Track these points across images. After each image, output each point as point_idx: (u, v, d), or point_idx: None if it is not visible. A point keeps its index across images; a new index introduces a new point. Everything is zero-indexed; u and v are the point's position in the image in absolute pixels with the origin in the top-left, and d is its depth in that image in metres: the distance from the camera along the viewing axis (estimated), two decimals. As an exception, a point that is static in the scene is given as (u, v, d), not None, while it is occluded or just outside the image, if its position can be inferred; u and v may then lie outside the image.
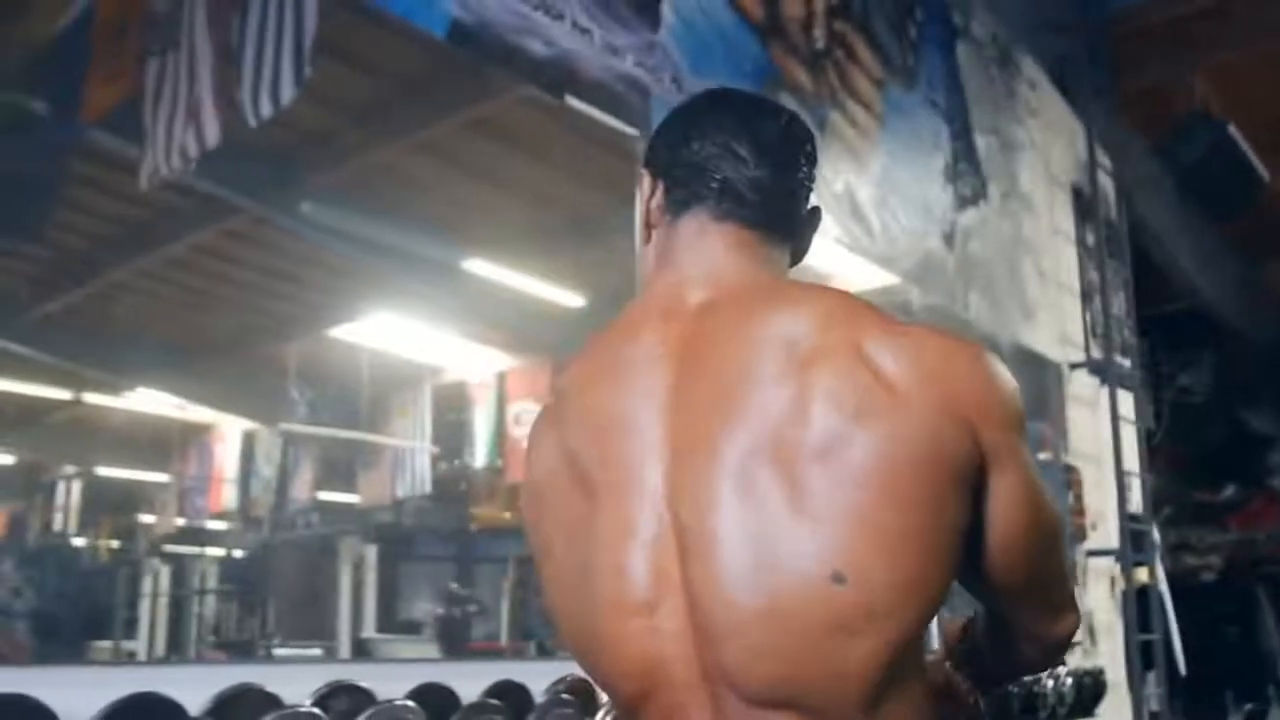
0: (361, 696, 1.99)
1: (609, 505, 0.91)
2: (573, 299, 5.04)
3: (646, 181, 1.05)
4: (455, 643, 5.42)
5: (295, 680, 1.98)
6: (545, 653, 5.57)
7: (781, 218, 1.02)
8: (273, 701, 1.85)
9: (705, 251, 0.99)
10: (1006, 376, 0.91)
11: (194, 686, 1.83)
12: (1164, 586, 5.20)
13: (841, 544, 0.82)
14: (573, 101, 2.29)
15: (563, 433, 0.97)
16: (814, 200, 1.06)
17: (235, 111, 2.09)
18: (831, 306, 0.91)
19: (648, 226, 1.05)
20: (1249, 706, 5.34)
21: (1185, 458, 9.05)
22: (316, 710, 1.84)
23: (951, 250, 3.91)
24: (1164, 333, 7.54)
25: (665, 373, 0.92)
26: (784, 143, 1.02)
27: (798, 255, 1.05)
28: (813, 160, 1.05)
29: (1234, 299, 7.46)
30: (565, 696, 2.17)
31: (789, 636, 0.82)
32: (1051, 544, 0.97)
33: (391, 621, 6.94)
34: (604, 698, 2.34)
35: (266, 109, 2.07)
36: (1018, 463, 0.90)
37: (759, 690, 0.84)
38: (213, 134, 2.09)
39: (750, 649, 0.83)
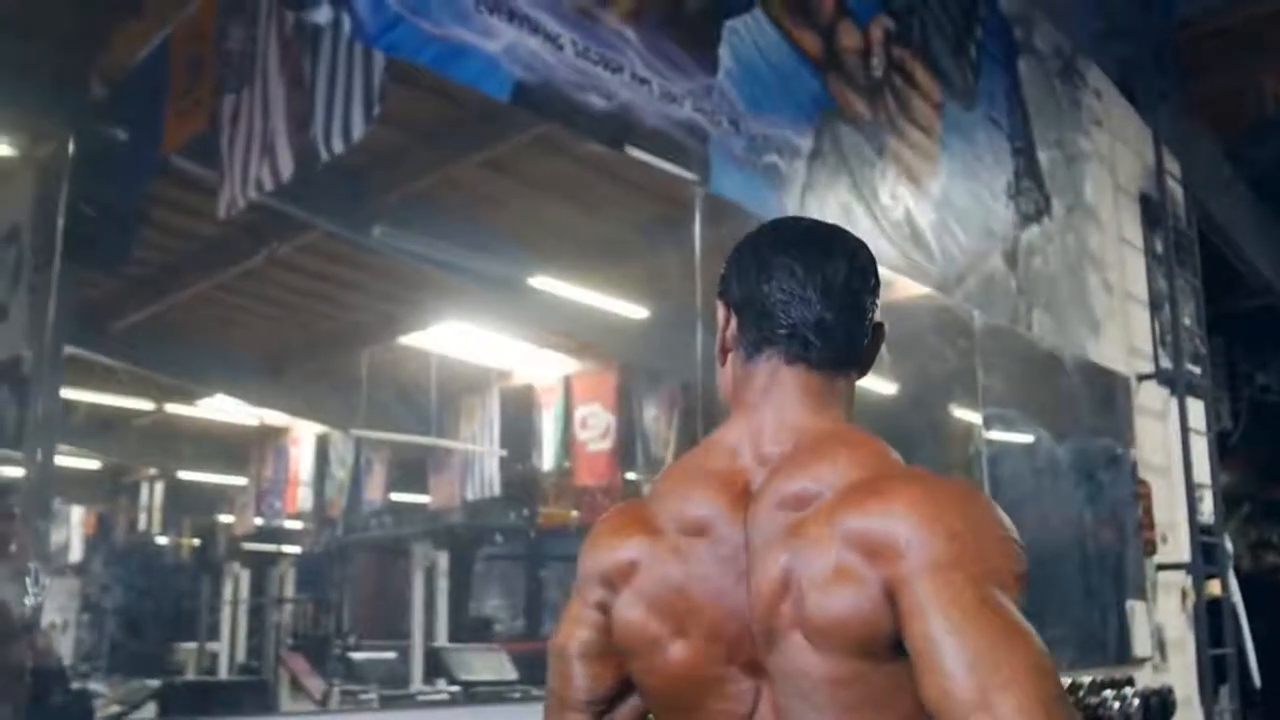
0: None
1: (720, 644, 1.03)
2: (636, 310, 5.09)
3: (721, 311, 1.15)
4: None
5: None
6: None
7: (846, 354, 1.11)
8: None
9: (778, 397, 1.09)
10: (966, 521, 0.93)
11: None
12: (1237, 598, 5.11)
13: (850, 702, 0.96)
14: (632, 151, 2.34)
15: (671, 546, 1.08)
16: (878, 317, 1.16)
17: (308, 145, 2.17)
18: (840, 470, 1.01)
19: (724, 351, 1.15)
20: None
21: (1264, 455, 8.85)
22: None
23: (1014, 269, 3.89)
24: (1240, 332, 7.38)
25: (743, 531, 1.04)
26: (848, 281, 1.10)
27: (864, 372, 1.16)
28: (876, 290, 1.14)
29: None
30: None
31: None
32: (1003, 690, 0.84)
33: (463, 622, 7.07)
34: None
35: (338, 145, 2.16)
36: (944, 604, 0.89)
37: None
38: (287, 167, 2.19)
39: None
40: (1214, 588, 5.11)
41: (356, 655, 6.06)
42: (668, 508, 1.08)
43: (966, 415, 3.85)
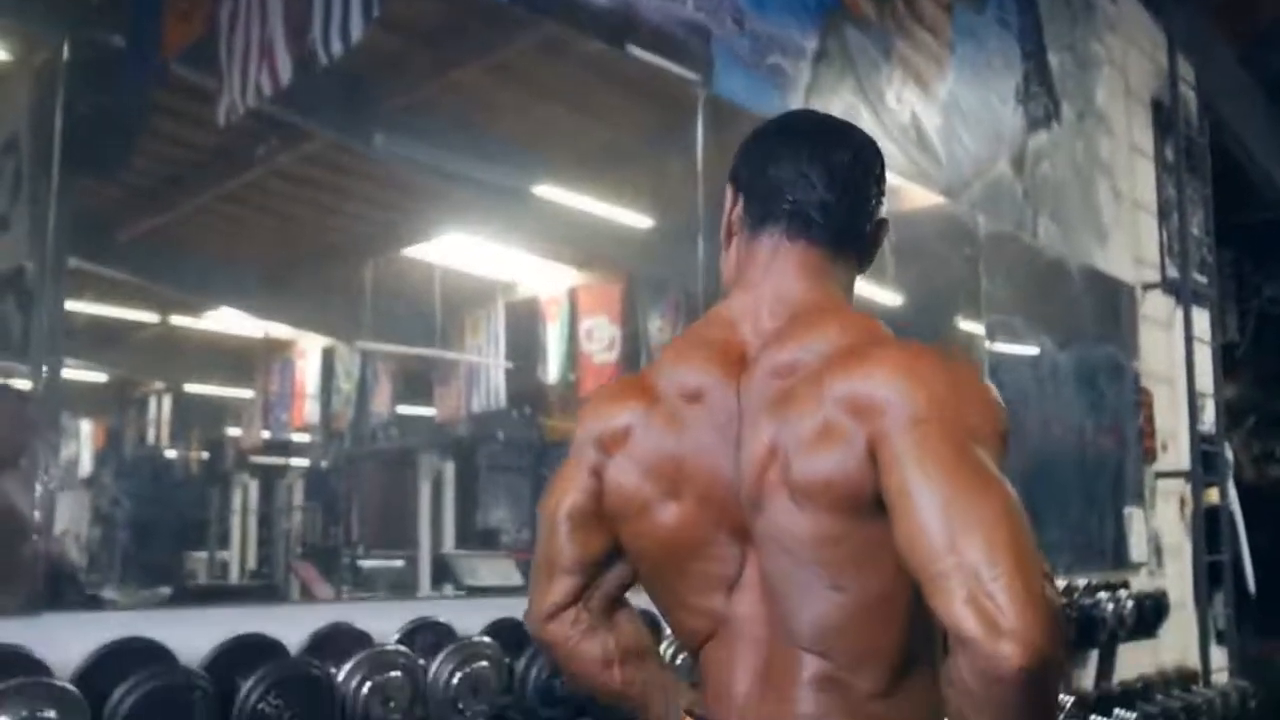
0: (442, 631, 2.12)
1: (710, 508, 1.08)
2: (640, 219, 5.06)
3: (729, 194, 1.20)
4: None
5: (382, 616, 2.12)
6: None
7: (848, 236, 1.16)
8: (363, 638, 1.99)
9: (778, 272, 1.14)
10: (949, 382, 0.95)
11: (292, 624, 1.97)
12: (1235, 506, 5.15)
13: (834, 561, 1.00)
14: (634, 50, 2.30)
15: (668, 413, 1.12)
16: (883, 213, 1.19)
17: (307, 50, 2.15)
18: (830, 339, 1.05)
19: (730, 235, 1.20)
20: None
21: (1271, 368, 8.85)
22: (402, 647, 1.97)
23: (1021, 175, 3.85)
24: (1250, 243, 7.33)
25: (737, 399, 1.08)
26: (852, 168, 1.15)
27: (865, 263, 1.20)
28: (880, 181, 1.18)
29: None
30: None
31: (821, 628, 1.02)
32: (974, 528, 0.85)
33: (470, 532, 7.15)
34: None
35: (337, 47, 2.14)
36: (921, 453, 0.91)
37: (809, 644, 1.04)
38: (286, 72, 2.17)
39: (799, 628, 1.03)
40: (1213, 496, 5.15)
41: (365, 563, 6.16)
42: (666, 376, 1.11)
43: (969, 324, 3.84)
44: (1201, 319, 5.14)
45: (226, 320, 5.87)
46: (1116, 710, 3.27)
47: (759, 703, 1.04)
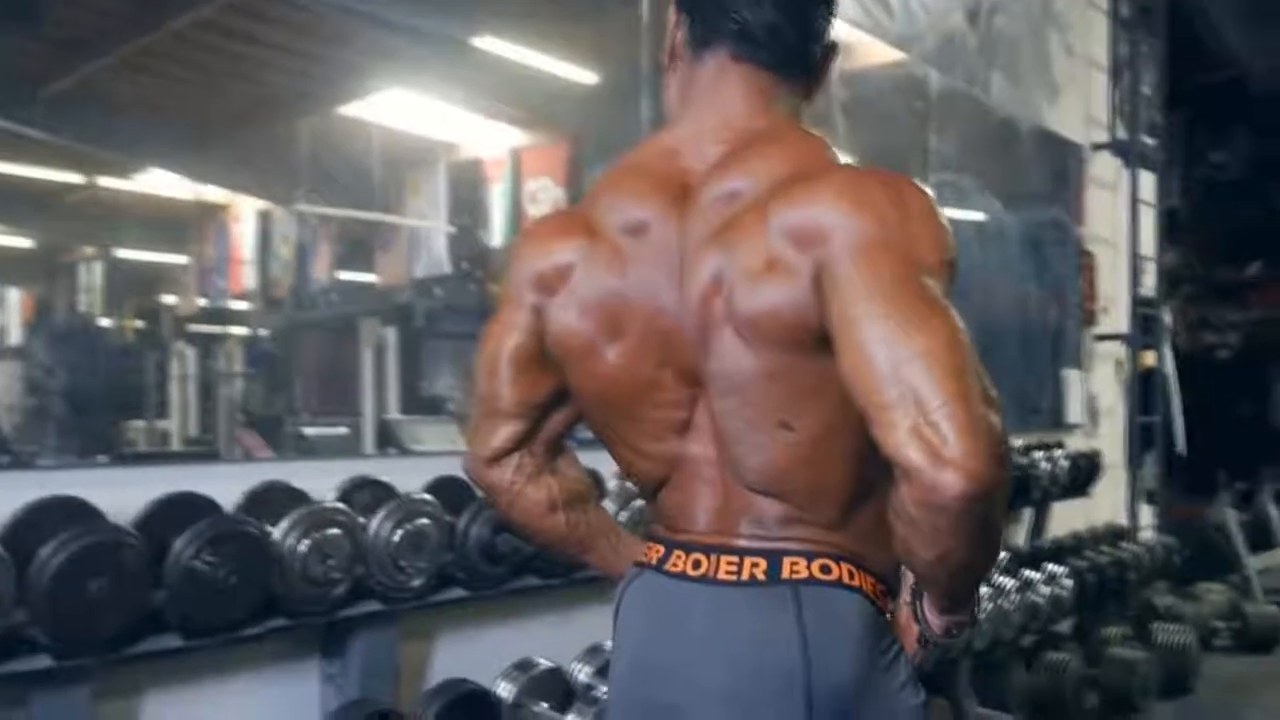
0: (382, 490, 2.08)
1: (654, 348, 1.02)
2: (586, 75, 4.91)
3: (673, 15, 1.11)
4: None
5: (319, 475, 2.08)
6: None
7: (795, 57, 1.07)
8: (300, 496, 1.95)
9: (723, 95, 1.06)
10: (896, 206, 0.90)
11: (227, 482, 1.92)
12: (1170, 369, 5.24)
13: (782, 397, 0.96)
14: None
15: (610, 248, 1.04)
16: (832, 36, 1.11)
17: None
18: (775, 165, 0.98)
19: (672, 58, 1.11)
20: (1241, 486, 5.48)
21: (1211, 236, 8.95)
22: (341, 504, 1.93)
23: (975, 27, 3.75)
24: (1200, 107, 7.30)
25: (680, 232, 1.01)
26: None
27: (812, 90, 1.11)
28: (830, 3, 1.10)
29: (1278, 68, 7.14)
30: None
31: (772, 464, 0.99)
32: (919, 356, 0.82)
33: (415, 399, 7.11)
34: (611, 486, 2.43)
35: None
36: (864, 275, 0.87)
37: (763, 486, 1.00)
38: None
39: (751, 465, 1.00)
40: (1149, 359, 5.23)
41: (309, 430, 6.12)
42: (605, 209, 1.05)
43: (918, 181, 3.79)
44: (1148, 182, 5.12)
45: (157, 182, 5.67)
46: (1048, 565, 3.35)
47: (718, 537, 1.02)
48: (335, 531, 1.84)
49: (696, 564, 1.03)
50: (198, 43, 4.55)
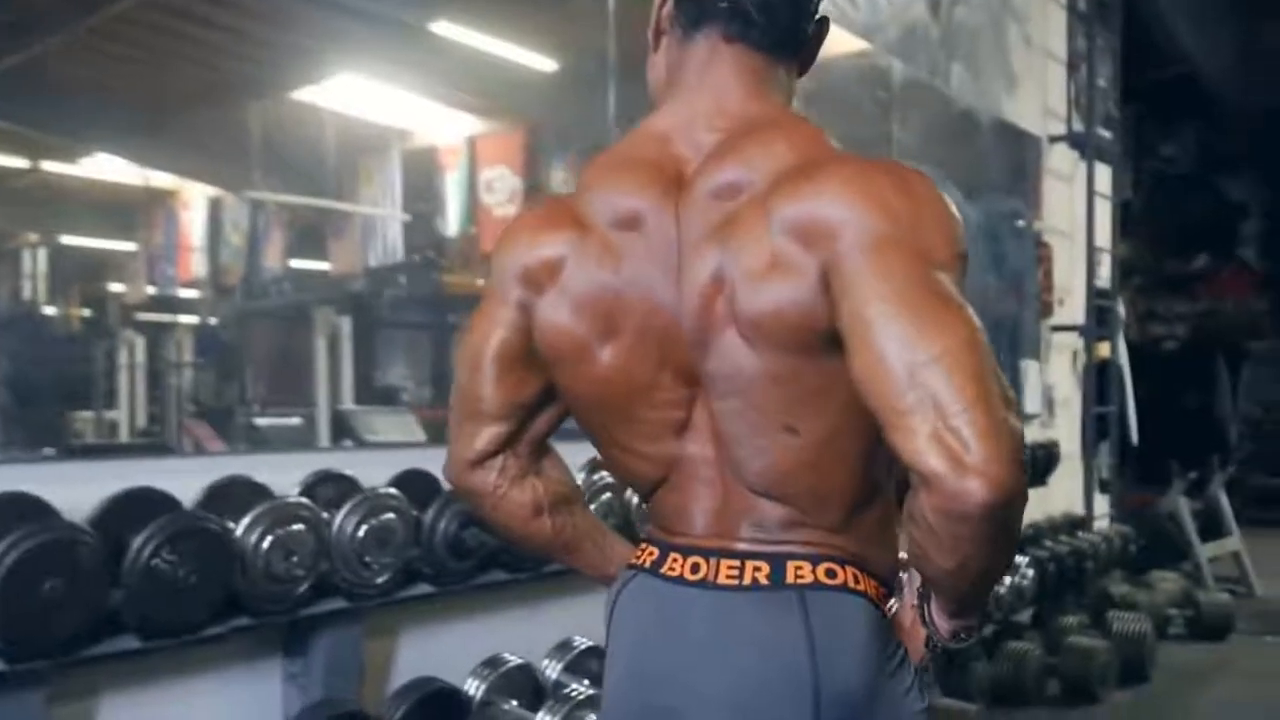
0: (345, 484, 2.03)
1: (650, 347, 0.98)
2: (546, 63, 4.86)
3: None
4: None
5: (281, 469, 2.02)
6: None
7: (789, 37, 1.03)
8: (261, 491, 1.89)
9: (716, 79, 1.01)
10: (904, 197, 0.87)
11: (184, 477, 1.86)
12: (1124, 360, 5.30)
13: (787, 400, 0.92)
14: None
15: (600, 242, 0.99)
16: (821, 9, 1.07)
17: None
18: (777, 156, 0.93)
19: (658, 35, 1.06)
20: (1193, 475, 5.57)
21: (1162, 228, 9.08)
22: (304, 499, 1.88)
23: (937, 18, 3.75)
24: (1151, 101, 7.39)
25: (676, 224, 0.97)
26: None
27: (804, 66, 1.07)
28: None
29: (1228, 64, 7.26)
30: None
31: (775, 466, 0.95)
32: (937, 359, 0.79)
33: (369, 391, 7.01)
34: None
35: None
36: (877, 271, 0.84)
37: (757, 488, 0.96)
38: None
39: (753, 468, 0.96)
40: (1103, 350, 5.28)
41: (261, 421, 6.02)
42: (595, 200, 1.00)
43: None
44: (1103, 174, 5.17)
45: (105, 168, 5.53)
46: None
47: (717, 539, 0.98)
48: (299, 527, 1.79)
49: (695, 567, 0.99)
50: (147, 24, 4.45)
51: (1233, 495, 5.77)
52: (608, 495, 2.29)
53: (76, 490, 1.71)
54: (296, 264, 6.47)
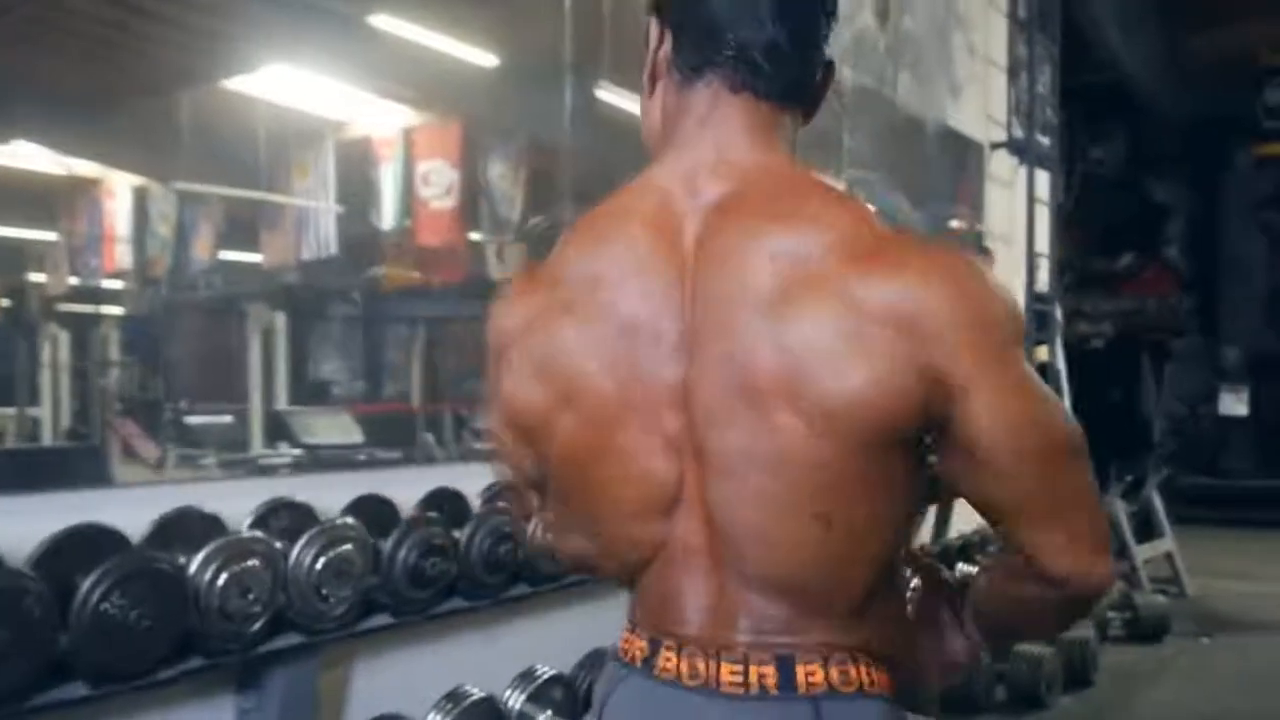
0: (301, 512, 1.97)
1: (629, 414, 0.90)
2: (485, 57, 4.79)
3: (654, 31, 0.96)
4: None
5: (231, 496, 1.95)
6: (460, 423, 5.61)
7: (797, 85, 0.95)
8: (213, 522, 1.82)
9: (719, 130, 0.93)
10: (985, 291, 0.85)
11: (131, 508, 1.79)
12: (1062, 364, 5.39)
13: (821, 488, 0.85)
14: None
15: (565, 301, 0.93)
16: (828, 53, 0.98)
17: None
18: (830, 227, 0.86)
19: (654, 78, 0.97)
20: (1129, 478, 5.67)
21: (1089, 229, 9.26)
22: (258, 534, 1.81)
23: (884, 27, 3.76)
24: (1082, 105, 7.52)
25: (679, 282, 0.89)
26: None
27: (810, 114, 0.99)
28: (832, 12, 0.97)
29: (1155, 71, 7.42)
30: (502, 505, 2.18)
31: (791, 557, 0.88)
32: (1056, 461, 0.85)
33: (302, 385, 6.87)
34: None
35: None
36: (992, 382, 0.83)
37: (764, 582, 0.89)
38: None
39: (760, 557, 0.88)
40: (1041, 354, 5.36)
41: (191, 419, 5.86)
42: (582, 260, 0.93)
43: (829, 180, 3.79)
44: (1042, 180, 5.24)
45: (24, 155, 5.34)
46: (959, 564, 3.38)
47: (713, 633, 0.92)
48: (255, 562, 1.72)
49: (692, 671, 0.91)
50: (73, 10, 4.31)
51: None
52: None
53: (14, 523, 1.64)
54: (228, 256, 6.32)
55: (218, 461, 5.28)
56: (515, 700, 2.09)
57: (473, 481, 2.29)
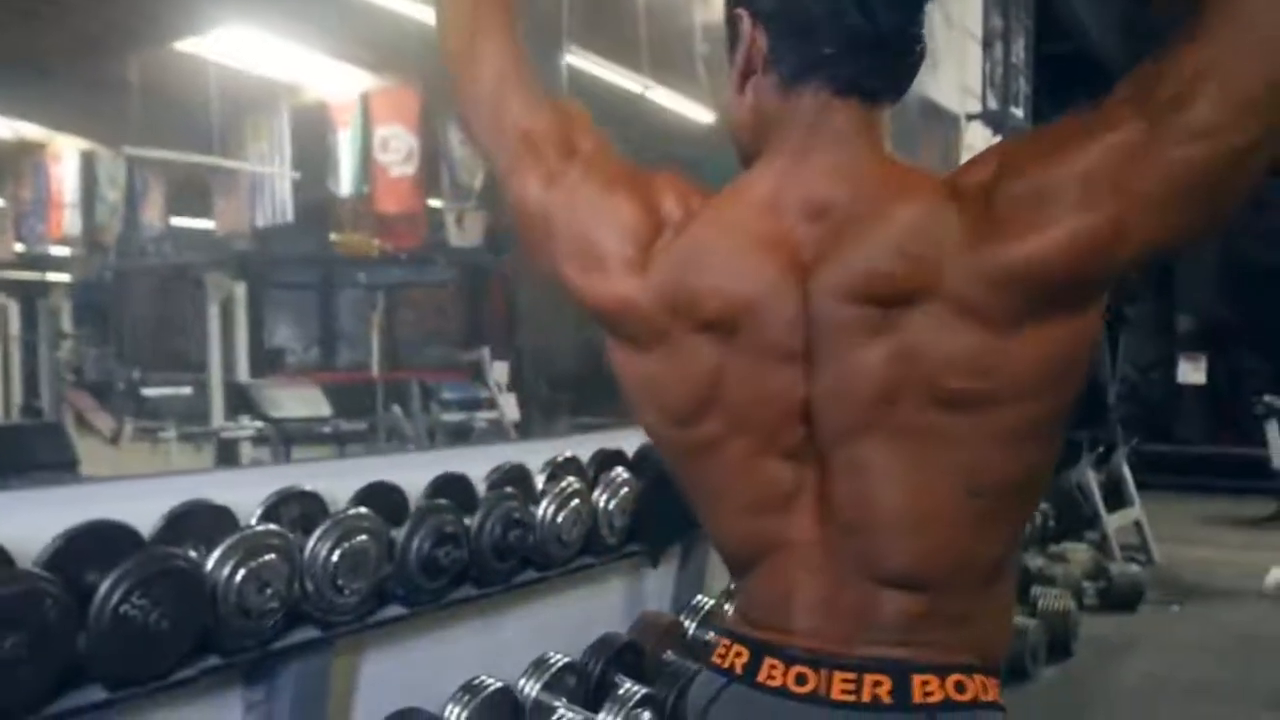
0: (312, 501, 1.90)
1: (746, 412, 0.87)
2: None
3: (746, 24, 0.88)
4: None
5: (239, 486, 1.88)
6: (426, 392, 5.51)
7: (904, 80, 0.89)
8: (225, 515, 1.75)
9: (828, 140, 0.86)
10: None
11: (142, 500, 1.71)
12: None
13: (978, 462, 0.82)
14: None
15: (680, 276, 0.87)
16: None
17: None
18: (939, 221, 0.81)
19: (745, 75, 0.89)
20: (1100, 449, 5.74)
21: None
22: (274, 526, 1.74)
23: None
24: (1048, 74, 7.54)
25: (801, 281, 0.84)
26: None
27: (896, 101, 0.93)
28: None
29: (1122, 40, 7.45)
30: (509, 490, 2.12)
31: (927, 540, 0.84)
32: None
33: (257, 354, 6.72)
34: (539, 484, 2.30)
35: None
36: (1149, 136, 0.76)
37: (890, 576, 0.86)
38: None
39: (889, 548, 0.85)
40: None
41: (149, 391, 5.72)
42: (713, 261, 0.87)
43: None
44: (1012, 150, 5.23)
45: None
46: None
47: (822, 641, 0.86)
48: (271, 557, 1.65)
49: (801, 678, 0.87)
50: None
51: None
52: (576, 502, 2.21)
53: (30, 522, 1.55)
54: (179, 223, 6.14)
55: (178, 435, 5.15)
56: (531, 689, 2.05)
57: (476, 465, 2.25)
